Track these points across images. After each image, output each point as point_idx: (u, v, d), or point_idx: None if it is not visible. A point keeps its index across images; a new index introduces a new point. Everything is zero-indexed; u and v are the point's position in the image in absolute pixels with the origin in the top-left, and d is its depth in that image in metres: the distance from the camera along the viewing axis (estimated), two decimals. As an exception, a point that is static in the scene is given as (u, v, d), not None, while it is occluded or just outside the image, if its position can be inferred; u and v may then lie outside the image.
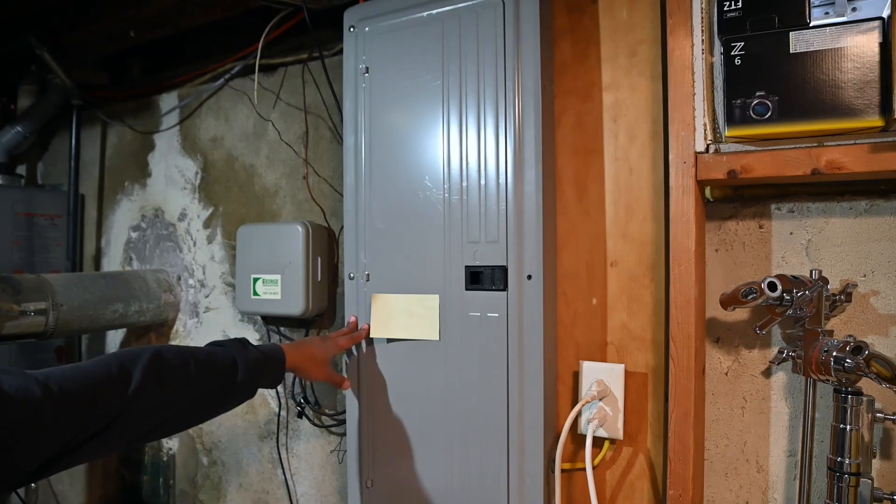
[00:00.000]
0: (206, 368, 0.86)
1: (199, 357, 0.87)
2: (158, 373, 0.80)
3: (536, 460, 0.98)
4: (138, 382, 0.77)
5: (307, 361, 1.04)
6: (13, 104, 1.92)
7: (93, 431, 0.72)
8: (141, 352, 0.81)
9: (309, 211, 1.44)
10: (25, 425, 0.66)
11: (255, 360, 0.93)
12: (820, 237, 0.90)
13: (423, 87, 1.07)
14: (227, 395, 0.90)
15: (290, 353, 1.01)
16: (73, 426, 0.70)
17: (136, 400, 0.76)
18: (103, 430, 0.73)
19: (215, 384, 0.88)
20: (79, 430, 0.70)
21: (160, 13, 1.47)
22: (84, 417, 0.71)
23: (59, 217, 1.86)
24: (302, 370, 1.04)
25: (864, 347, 0.74)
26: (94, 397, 0.73)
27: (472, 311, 1.02)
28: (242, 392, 0.92)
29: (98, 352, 1.87)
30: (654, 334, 1.01)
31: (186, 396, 0.83)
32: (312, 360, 1.04)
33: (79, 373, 0.73)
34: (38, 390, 0.68)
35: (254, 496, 1.55)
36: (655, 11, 1.01)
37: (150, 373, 0.78)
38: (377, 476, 1.12)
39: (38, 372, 0.71)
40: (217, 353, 0.90)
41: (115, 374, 0.76)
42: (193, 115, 1.68)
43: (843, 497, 0.78)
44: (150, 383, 0.78)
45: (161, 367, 0.81)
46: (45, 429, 0.67)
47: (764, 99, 0.80)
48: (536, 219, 0.97)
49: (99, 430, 0.72)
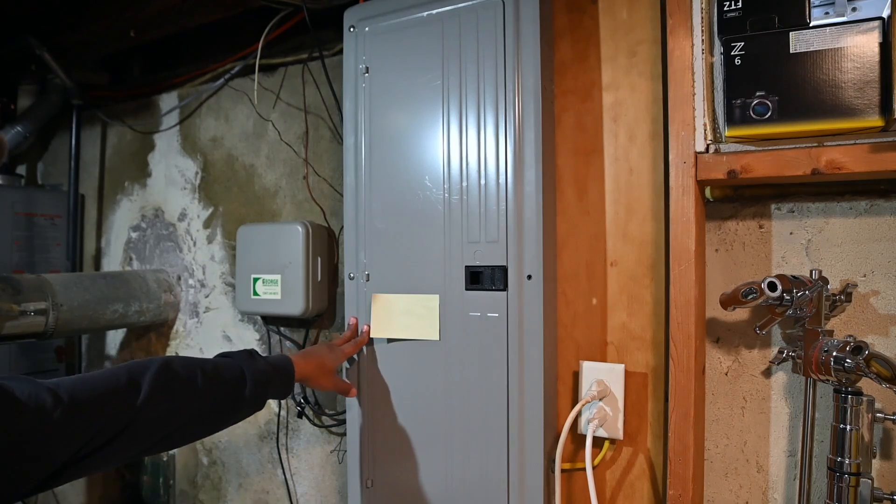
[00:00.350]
0: (214, 380, 0.86)
1: (207, 369, 0.87)
2: (167, 384, 0.80)
3: (536, 460, 0.98)
4: (146, 393, 0.77)
5: (316, 371, 1.03)
6: (13, 104, 1.91)
7: (102, 441, 0.72)
8: (150, 363, 0.81)
9: (309, 211, 1.44)
10: (37, 433, 0.66)
11: (264, 372, 0.93)
12: (820, 237, 0.90)
13: (423, 87, 1.07)
14: (236, 407, 0.90)
15: (300, 364, 1.00)
16: (83, 435, 0.70)
17: (144, 410, 0.76)
18: (112, 439, 0.73)
19: (223, 396, 0.87)
20: (88, 440, 0.70)
21: (160, 13, 1.47)
22: (94, 426, 0.71)
23: (59, 217, 1.86)
24: (311, 380, 1.04)
25: (864, 347, 0.74)
26: (103, 407, 0.73)
27: (472, 311, 1.02)
28: (251, 404, 0.91)
29: (98, 352, 1.87)
30: (654, 334, 1.01)
31: (194, 408, 0.83)
32: (321, 369, 1.04)
33: (88, 382, 0.74)
34: (49, 399, 0.68)
35: (254, 496, 1.55)
36: (655, 11, 1.01)
37: (158, 384, 0.79)
38: (377, 476, 1.12)
39: (48, 381, 0.71)
40: (225, 365, 0.90)
41: (123, 384, 0.76)
42: (193, 115, 1.68)
43: (843, 497, 0.78)
44: (159, 394, 0.78)
45: (169, 379, 0.81)
46: (56, 437, 0.67)
47: (764, 99, 0.80)
48: (536, 219, 0.97)
49: (108, 439, 0.73)
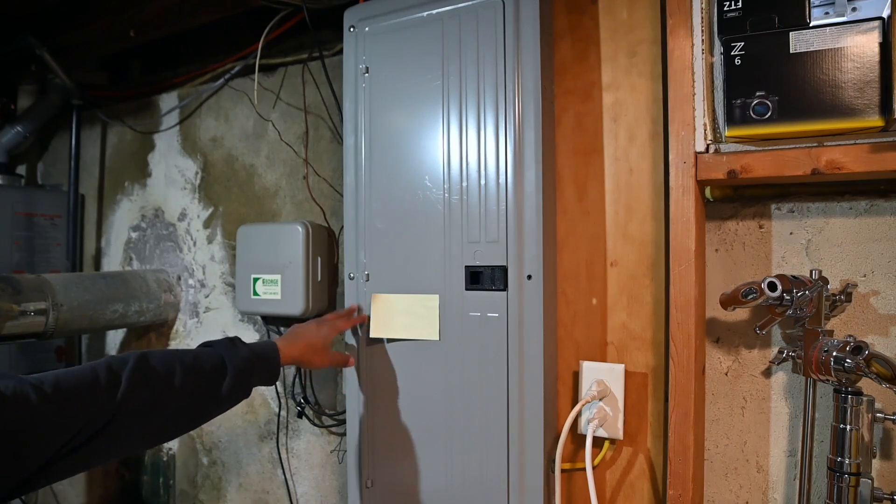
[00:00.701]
0: (192, 371, 0.85)
1: (185, 360, 0.86)
2: (145, 377, 0.80)
3: (536, 460, 0.98)
4: (126, 386, 0.77)
5: (307, 352, 1.01)
6: (13, 104, 1.92)
7: (87, 435, 0.72)
8: (128, 356, 0.81)
9: (309, 211, 1.44)
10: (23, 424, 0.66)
11: (245, 359, 0.91)
12: (820, 237, 0.90)
13: (423, 87, 1.07)
14: (217, 396, 0.88)
15: (286, 347, 0.98)
16: (68, 428, 0.70)
17: (125, 403, 0.76)
18: (98, 433, 0.73)
19: (204, 385, 0.86)
20: (74, 433, 0.71)
21: (160, 13, 1.47)
22: (77, 419, 0.71)
23: (59, 217, 1.86)
24: (303, 361, 1.01)
25: (864, 347, 0.74)
26: (84, 400, 0.73)
27: (472, 311, 1.02)
28: (234, 393, 0.90)
29: (98, 352, 1.88)
30: (654, 334, 1.01)
31: (174, 399, 0.83)
32: (312, 349, 1.01)
33: (70, 376, 0.74)
34: (32, 393, 0.68)
35: (254, 496, 1.55)
36: (655, 11, 1.01)
37: (136, 376, 0.79)
38: (377, 476, 1.12)
39: (31, 377, 0.71)
40: (205, 355, 0.89)
41: (103, 377, 0.76)
42: (193, 115, 1.68)
43: (843, 497, 0.78)
44: (138, 387, 0.78)
45: (147, 371, 0.80)
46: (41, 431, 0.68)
47: (764, 99, 0.80)
48: (536, 219, 0.97)
49: (93, 433, 0.73)
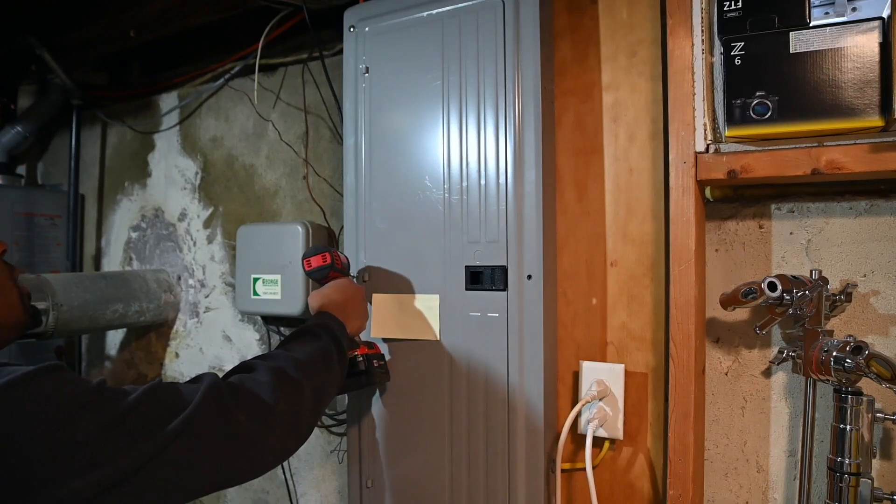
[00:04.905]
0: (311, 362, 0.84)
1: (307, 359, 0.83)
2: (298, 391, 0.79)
3: (536, 460, 0.98)
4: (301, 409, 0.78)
5: (362, 317, 1.00)
6: (13, 104, 1.92)
7: None
8: (260, 378, 0.77)
9: (309, 211, 1.44)
10: None
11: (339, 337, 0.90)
12: (820, 237, 0.90)
13: (423, 87, 1.07)
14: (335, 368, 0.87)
15: (349, 321, 0.95)
16: None
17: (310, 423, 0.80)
18: None
19: (332, 377, 0.86)
20: None
21: (160, 13, 1.47)
22: None
23: (59, 217, 1.86)
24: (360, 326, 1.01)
25: (864, 347, 0.74)
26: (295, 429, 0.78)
27: (472, 311, 1.02)
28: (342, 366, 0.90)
29: (98, 352, 1.87)
30: (654, 334, 1.01)
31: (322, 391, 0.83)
32: (363, 313, 1.01)
33: None
34: None
35: (254, 496, 1.55)
36: (655, 11, 1.01)
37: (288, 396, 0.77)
38: (377, 476, 1.12)
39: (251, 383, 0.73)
40: (319, 349, 0.86)
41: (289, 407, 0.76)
42: (193, 115, 1.68)
43: (843, 497, 0.78)
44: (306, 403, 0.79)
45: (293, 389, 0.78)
46: None
47: (764, 99, 0.80)
48: (536, 219, 0.97)
49: None
